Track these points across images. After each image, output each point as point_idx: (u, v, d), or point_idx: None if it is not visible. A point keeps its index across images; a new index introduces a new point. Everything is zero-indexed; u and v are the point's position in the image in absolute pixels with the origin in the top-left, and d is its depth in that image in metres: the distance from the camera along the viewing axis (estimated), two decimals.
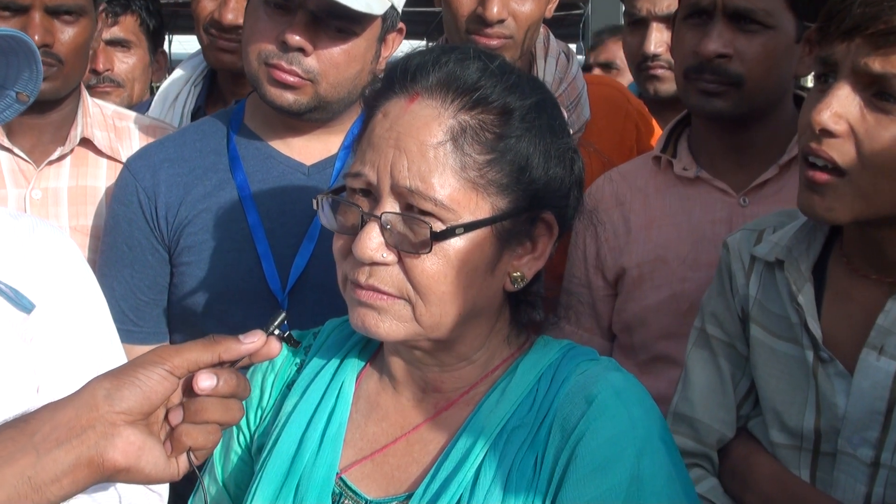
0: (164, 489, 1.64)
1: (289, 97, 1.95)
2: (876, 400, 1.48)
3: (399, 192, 1.27)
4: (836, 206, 1.44)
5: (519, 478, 1.28)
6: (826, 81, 1.44)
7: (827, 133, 1.41)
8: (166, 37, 3.63)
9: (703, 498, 1.70)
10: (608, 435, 1.27)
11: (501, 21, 2.26)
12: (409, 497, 1.32)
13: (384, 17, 1.98)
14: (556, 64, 2.52)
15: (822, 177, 1.44)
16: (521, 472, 1.28)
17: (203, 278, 2.02)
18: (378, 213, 1.28)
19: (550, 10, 2.44)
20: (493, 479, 1.28)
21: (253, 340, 1.21)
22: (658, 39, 2.91)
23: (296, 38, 1.89)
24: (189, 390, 1.18)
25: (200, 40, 2.88)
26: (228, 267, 2.00)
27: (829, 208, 1.45)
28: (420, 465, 1.36)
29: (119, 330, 2.04)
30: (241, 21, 2.62)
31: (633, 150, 2.59)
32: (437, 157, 1.26)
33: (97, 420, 1.11)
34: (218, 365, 1.19)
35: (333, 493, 1.37)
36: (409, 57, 1.37)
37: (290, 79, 1.92)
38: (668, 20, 2.58)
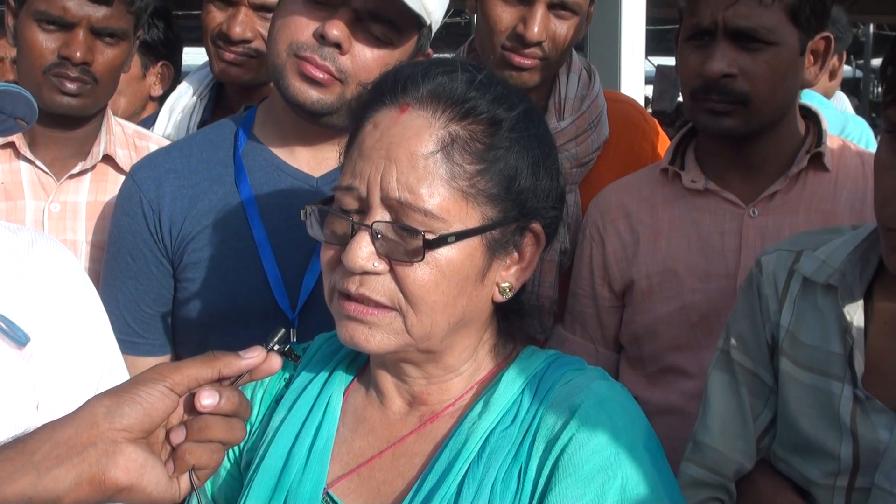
0: None
1: (313, 94, 1.85)
2: None
3: (389, 204, 1.28)
4: None
5: (503, 490, 1.27)
6: None
7: None
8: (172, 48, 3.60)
9: None
10: (591, 445, 1.26)
11: (540, 42, 2.24)
12: None
13: (419, 35, 1.94)
14: (579, 81, 2.47)
15: None
16: (504, 485, 1.28)
17: (208, 296, 1.98)
18: (368, 222, 1.29)
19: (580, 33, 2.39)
20: (477, 492, 1.28)
21: (253, 356, 1.21)
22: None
23: (335, 33, 1.80)
24: (191, 409, 1.18)
25: (207, 51, 2.86)
26: (234, 286, 1.96)
27: None
28: (405, 478, 1.36)
29: (123, 341, 1.98)
30: (248, 35, 2.68)
31: None
32: (426, 168, 1.27)
33: (98, 437, 1.10)
34: (218, 381, 1.19)
35: None
36: (399, 68, 1.39)
37: (321, 75, 1.83)
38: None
